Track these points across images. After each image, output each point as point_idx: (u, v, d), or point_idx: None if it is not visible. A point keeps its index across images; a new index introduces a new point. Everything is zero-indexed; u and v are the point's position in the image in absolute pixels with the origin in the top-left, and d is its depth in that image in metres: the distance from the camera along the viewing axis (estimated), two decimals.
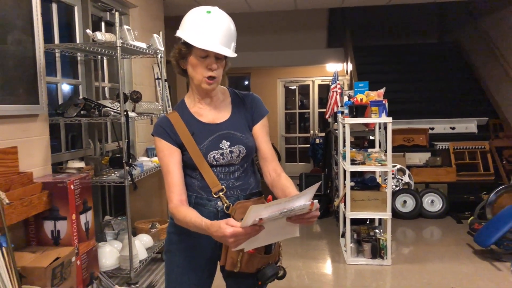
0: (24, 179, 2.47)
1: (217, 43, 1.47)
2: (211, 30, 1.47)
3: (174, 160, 1.56)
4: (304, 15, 7.80)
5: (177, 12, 5.55)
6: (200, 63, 1.51)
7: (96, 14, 4.02)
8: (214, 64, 1.51)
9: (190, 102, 1.65)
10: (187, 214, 1.46)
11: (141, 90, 3.80)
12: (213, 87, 1.56)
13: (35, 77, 2.72)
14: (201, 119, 1.61)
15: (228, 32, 1.51)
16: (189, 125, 1.59)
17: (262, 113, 1.69)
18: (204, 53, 1.49)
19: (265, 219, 1.23)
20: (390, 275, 3.69)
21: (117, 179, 3.20)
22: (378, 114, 3.77)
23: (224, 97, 1.68)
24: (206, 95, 1.62)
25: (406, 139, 6.09)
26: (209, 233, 1.35)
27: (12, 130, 2.52)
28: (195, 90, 1.62)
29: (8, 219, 2.17)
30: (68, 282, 2.46)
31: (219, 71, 1.54)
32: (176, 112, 1.63)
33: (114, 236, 3.57)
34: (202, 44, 1.46)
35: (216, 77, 1.54)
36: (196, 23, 1.49)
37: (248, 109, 1.67)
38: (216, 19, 1.49)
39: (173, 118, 1.60)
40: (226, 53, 1.50)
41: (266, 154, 1.66)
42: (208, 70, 1.52)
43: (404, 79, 7.53)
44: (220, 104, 1.65)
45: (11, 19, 2.52)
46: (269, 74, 9.06)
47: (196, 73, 1.54)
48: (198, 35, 1.47)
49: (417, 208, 5.33)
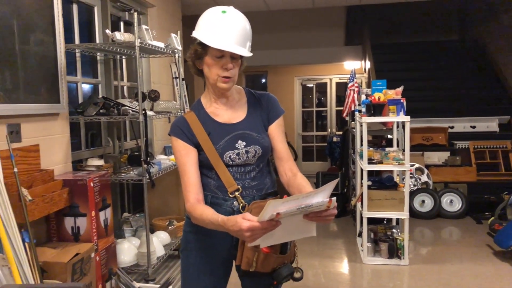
0: (45, 176, 2.54)
1: (232, 43, 1.48)
2: (227, 30, 1.48)
3: (191, 159, 1.58)
4: (322, 12, 7.76)
5: (194, 11, 5.59)
6: (216, 63, 1.52)
7: (115, 14, 4.08)
8: (229, 64, 1.52)
9: (206, 102, 1.66)
10: (204, 211, 1.48)
11: (159, 89, 3.84)
12: (229, 86, 1.57)
13: (56, 76, 2.78)
14: (217, 119, 1.62)
15: (244, 31, 1.52)
16: (205, 125, 1.60)
17: (278, 113, 1.69)
18: (220, 53, 1.50)
19: (282, 214, 1.23)
20: (407, 275, 3.66)
21: (135, 176, 3.25)
22: (396, 113, 3.73)
23: (240, 97, 1.68)
24: (221, 95, 1.63)
25: (425, 138, 6.02)
26: (226, 229, 1.36)
27: (34, 128, 2.59)
28: (211, 90, 1.63)
29: (31, 215, 2.23)
30: (87, 278, 2.52)
31: (235, 70, 1.55)
32: (192, 112, 1.64)
33: (132, 233, 3.62)
34: (218, 44, 1.47)
35: (231, 76, 1.55)
36: (212, 23, 1.50)
37: (264, 109, 1.68)
38: (231, 19, 1.50)
39: (190, 118, 1.61)
40: (242, 53, 1.51)
41: (281, 153, 1.67)
42: (224, 70, 1.52)
43: (423, 77, 7.44)
44: (236, 104, 1.66)
45: (34, 21, 2.58)
46: (286, 72, 9.04)
47: (211, 73, 1.54)
48: (214, 35, 1.48)
49: (435, 208, 5.26)
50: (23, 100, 2.48)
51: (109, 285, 2.86)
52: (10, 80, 2.39)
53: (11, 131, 2.38)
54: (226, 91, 1.60)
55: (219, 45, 1.47)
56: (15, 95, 2.42)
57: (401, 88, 3.98)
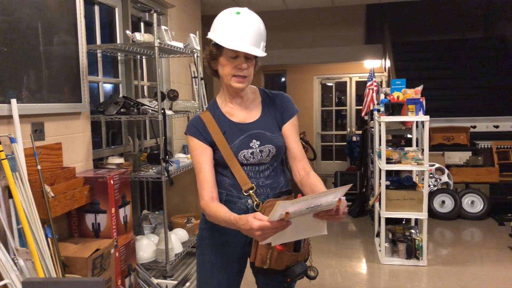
0: (67, 173, 2.61)
1: (246, 43, 1.50)
2: (241, 31, 1.50)
3: (206, 158, 1.61)
4: (341, 11, 7.71)
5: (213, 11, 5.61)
6: (231, 63, 1.55)
7: (136, 14, 4.15)
8: (244, 64, 1.54)
9: (222, 102, 1.69)
10: (217, 209, 1.51)
11: (178, 88, 3.90)
12: (243, 86, 1.59)
13: (78, 76, 2.86)
14: (232, 119, 1.65)
15: (258, 32, 1.54)
16: (220, 125, 1.63)
17: (292, 112, 1.71)
18: (234, 53, 1.53)
19: (291, 214, 1.25)
20: (425, 276, 3.63)
21: (154, 174, 3.31)
22: (414, 112, 3.69)
23: (254, 96, 1.71)
24: (236, 95, 1.66)
25: (445, 137, 5.93)
26: (238, 227, 1.39)
27: (57, 127, 2.66)
28: (225, 90, 1.67)
29: (53, 211, 2.30)
30: (107, 273, 2.58)
31: (249, 70, 1.58)
32: (208, 112, 1.68)
33: (151, 230, 3.69)
34: (232, 45, 1.50)
35: (246, 76, 1.57)
36: (226, 24, 1.53)
37: (278, 108, 1.70)
38: (245, 19, 1.52)
39: (206, 117, 1.65)
40: (256, 53, 1.53)
41: (295, 153, 1.68)
42: (238, 69, 1.55)
43: (445, 75, 7.32)
44: (250, 104, 1.69)
45: (57, 22, 2.66)
46: (305, 71, 9.02)
47: (226, 73, 1.57)
48: (228, 36, 1.51)
49: (456, 208, 5.18)
50: (46, 99, 2.55)
51: (128, 281, 2.92)
52: (35, 80, 2.46)
53: (35, 129, 2.46)
54: (241, 91, 1.62)
55: (234, 45, 1.50)
56: (39, 95, 2.49)
57: (421, 87, 3.94)
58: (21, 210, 2.12)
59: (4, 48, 2.24)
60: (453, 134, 5.96)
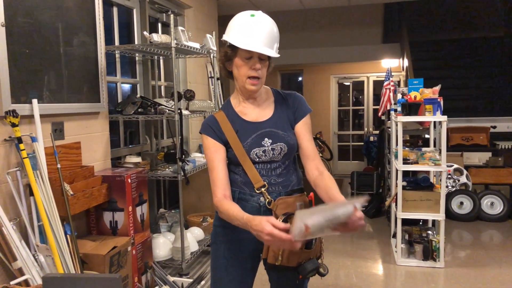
0: (86, 172, 2.66)
1: (260, 44, 1.54)
2: (255, 32, 1.55)
3: (219, 156, 1.65)
4: (358, 10, 7.66)
5: (230, 11, 5.66)
6: (245, 64, 1.59)
7: (153, 15, 4.21)
8: (257, 64, 1.58)
9: (235, 102, 1.73)
10: (230, 207, 1.53)
11: (195, 88, 3.93)
12: (257, 88, 1.63)
13: (97, 77, 2.91)
14: (245, 118, 1.69)
15: (271, 33, 1.58)
16: (233, 124, 1.67)
17: (305, 112, 1.73)
18: (248, 54, 1.57)
19: (311, 228, 1.27)
20: (442, 278, 3.58)
21: (171, 174, 3.35)
22: (432, 112, 3.65)
23: (267, 96, 1.74)
24: (250, 96, 1.69)
25: (464, 138, 5.84)
26: (249, 226, 1.41)
27: (76, 126, 2.72)
28: (239, 91, 1.70)
29: (72, 209, 2.35)
30: (124, 270, 2.63)
31: (263, 71, 1.61)
32: (222, 112, 1.72)
33: (167, 228, 3.73)
34: (246, 45, 1.54)
35: (260, 77, 1.61)
36: (241, 26, 1.57)
37: (291, 107, 1.72)
38: (259, 22, 1.57)
39: (220, 117, 1.69)
40: (269, 53, 1.57)
41: (308, 152, 1.70)
42: (252, 70, 1.59)
43: (464, 74, 7.20)
44: (263, 103, 1.72)
45: (77, 23, 2.71)
46: (322, 71, 8.98)
47: (240, 74, 1.61)
48: (242, 37, 1.55)
49: (475, 210, 5.10)
50: (66, 99, 2.61)
51: (144, 278, 2.96)
52: (55, 80, 2.52)
53: (55, 129, 2.52)
54: (254, 93, 1.66)
55: (248, 46, 1.54)
56: (59, 95, 2.55)
57: (439, 87, 3.89)
58: (42, 207, 2.17)
59: (26, 50, 2.30)
60: (472, 134, 5.86)
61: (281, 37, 1.69)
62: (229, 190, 1.64)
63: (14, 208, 2.20)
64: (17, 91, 2.23)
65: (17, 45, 2.23)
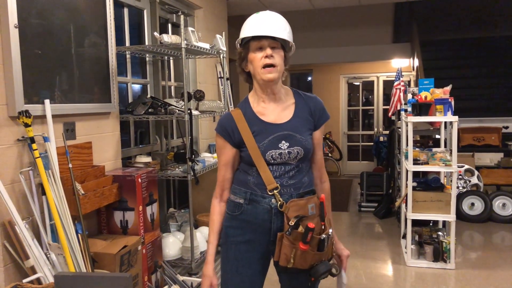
0: (97, 172, 2.69)
1: (266, 30, 1.56)
2: (260, 23, 1.58)
3: (225, 159, 1.70)
4: (368, 9, 7.62)
5: (240, 11, 5.67)
6: (257, 55, 1.58)
7: (164, 16, 4.23)
8: (268, 50, 1.57)
9: (254, 101, 1.70)
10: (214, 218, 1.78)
11: (204, 89, 3.94)
12: (273, 76, 1.59)
13: (108, 77, 2.94)
14: (264, 119, 1.66)
15: (277, 21, 1.59)
16: (250, 123, 1.65)
17: (325, 120, 1.75)
18: (258, 43, 1.57)
19: None
20: (453, 279, 3.56)
21: (180, 173, 3.36)
22: (443, 112, 3.63)
23: (287, 98, 1.71)
24: (269, 91, 1.66)
25: (476, 138, 5.78)
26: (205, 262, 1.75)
27: (87, 126, 2.75)
28: (258, 89, 1.68)
29: (83, 208, 2.38)
30: (134, 269, 2.65)
31: (277, 59, 1.58)
32: (239, 110, 1.69)
33: (177, 228, 3.75)
34: (251, 32, 1.57)
35: (274, 64, 1.58)
36: (247, 23, 1.61)
37: (312, 112, 1.71)
38: (264, 14, 1.60)
39: (236, 115, 1.67)
40: (276, 35, 1.56)
41: (316, 160, 1.77)
42: (265, 58, 1.57)
43: (476, 74, 7.14)
44: (283, 104, 1.69)
45: (88, 24, 2.74)
46: (332, 70, 8.96)
47: (255, 66, 1.60)
48: (249, 30, 1.59)
49: (486, 211, 5.05)
50: (77, 100, 2.64)
51: (154, 277, 2.99)
52: (66, 81, 2.55)
53: (67, 129, 2.55)
54: (272, 81, 1.61)
55: (252, 32, 1.57)
56: (70, 95, 2.58)
57: (449, 87, 3.86)
58: (54, 206, 2.20)
59: (39, 51, 2.33)
60: (484, 134, 5.81)
61: None
62: (227, 191, 1.75)
63: (27, 207, 2.23)
64: (30, 91, 2.26)
65: (30, 46, 2.26)
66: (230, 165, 1.70)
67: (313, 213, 1.63)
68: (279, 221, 1.63)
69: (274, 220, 1.64)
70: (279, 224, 1.63)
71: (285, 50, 1.63)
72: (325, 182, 1.79)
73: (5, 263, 2.12)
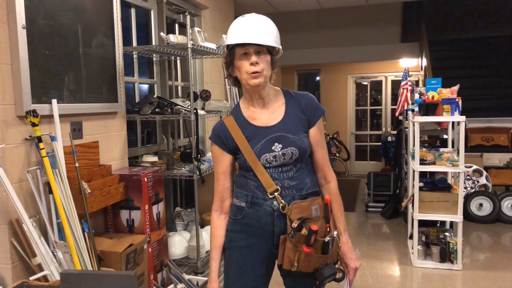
0: (103, 171, 2.71)
1: (249, 36, 1.53)
2: (243, 28, 1.56)
3: (223, 168, 1.70)
4: (376, 9, 7.59)
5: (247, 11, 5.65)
6: (243, 62, 1.57)
7: (171, 16, 4.25)
8: (253, 57, 1.55)
9: (244, 107, 1.70)
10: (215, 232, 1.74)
11: (211, 88, 3.95)
12: (259, 82, 1.57)
13: (115, 77, 2.96)
14: (254, 123, 1.65)
15: (261, 26, 1.56)
16: (243, 129, 1.64)
17: (319, 115, 1.70)
18: (243, 50, 1.56)
19: None
20: (460, 280, 3.53)
21: (186, 173, 3.38)
22: (450, 112, 3.60)
23: (276, 98, 1.70)
24: (257, 96, 1.65)
25: (484, 138, 5.73)
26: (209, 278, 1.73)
27: (94, 126, 2.77)
28: (247, 94, 1.67)
29: (90, 207, 2.40)
30: (140, 268, 2.67)
31: (262, 65, 1.56)
32: (231, 116, 1.69)
33: (183, 227, 3.77)
34: (234, 40, 1.55)
35: (259, 71, 1.56)
36: (232, 28, 1.60)
37: (304, 110, 1.68)
38: (250, 18, 1.58)
39: (228, 122, 1.67)
40: (261, 42, 1.53)
41: (317, 159, 1.72)
42: (251, 66, 1.55)
43: (485, 73, 7.07)
44: (272, 106, 1.68)
45: (95, 25, 2.77)
46: (340, 70, 8.93)
47: (242, 73, 1.58)
48: (234, 36, 1.57)
49: (494, 212, 5.01)
50: (85, 99, 2.66)
51: (160, 276, 3.00)
52: (74, 81, 2.58)
53: (73, 128, 2.57)
54: (257, 87, 1.59)
55: (237, 39, 1.54)
56: (78, 95, 2.61)
57: (457, 86, 3.84)
58: (60, 205, 2.23)
59: (46, 51, 2.36)
60: (493, 135, 5.76)
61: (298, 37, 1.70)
62: (228, 200, 1.73)
63: (34, 205, 2.26)
64: (38, 91, 2.28)
65: (38, 47, 2.29)
66: (228, 173, 1.70)
67: (317, 215, 1.61)
68: (282, 224, 1.62)
69: (277, 223, 1.62)
70: (282, 227, 1.61)
71: (272, 54, 1.60)
72: (330, 182, 1.72)
73: (13, 261, 2.15)
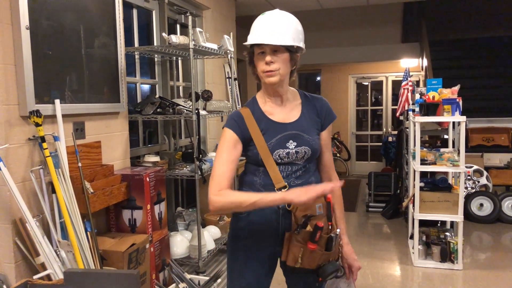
0: (106, 171, 2.73)
1: (264, 36, 1.53)
2: (261, 27, 1.56)
3: (233, 155, 1.59)
4: (377, 9, 7.60)
5: (248, 12, 5.70)
6: (260, 60, 1.58)
7: (172, 17, 4.26)
8: (267, 57, 1.55)
9: (262, 101, 1.70)
10: (232, 193, 1.52)
11: (212, 89, 3.97)
12: (274, 80, 1.58)
13: (117, 77, 2.98)
14: (272, 118, 1.66)
15: (283, 24, 1.55)
16: (259, 122, 1.64)
17: (331, 120, 1.74)
18: (260, 49, 1.56)
19: None
20: (460, 280, 3.54)
21: (188, 173, 3.40)
22: (450, 112, 3.62)
23: (294, 98, 1.72)
24: (275, 94, 1.66)
25: (485, 138, 5.74)
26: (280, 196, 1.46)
27: (96, 126, 2.79)
28: (265, 90, 1.69)
29: (92, 206, 2.42)
30: (142, 267, 2.68)
31: (277, 65, 1.56)
32: (247, 108, 1.68)
33: (185, 227, 3.78)
34: (253, 39, 1.56)
35: (273, 70, 1.56)
36: (253, 26, 1.59)
37: (319, 113, 1.71)
38: (270, 16, 1.57)
39: (245, 113, 1.66)
40: (275, 42, 1.52)
41: (324, 160, 1.76)
42: (266, 65, 1.56)
43: (485, 74, 7.07)
44: (290, 105, 1.69)
45: (98, 25, 2.78)
46: (340, 70, 8.94)
47: (259, 71, 1.60)
48: (253, 35, 1.57)
49: (495, 212, 5.02)
50: (87, 100, 2.68)
51: (162, 275, 3.02)
52: (76, 81, 2.59)
53: (76, 128, 2.59)
54: (273, 85, 1.61)
55: (254, 39, 1.55)
56: (80, 95, 2.62)
57: (457, 87, 3.85)
58: (63, 204, 2.24)
59: (49, 52, 2.37)
60: (494, 135, 5.77)
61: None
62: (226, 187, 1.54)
63: (37, 205, 2.28)
64: (41, 91, 2.30)
65: (41, 47, 2.30)
66: (235, 163, 1.60)
67: (321, 212, 1.62)
68: (286, 222, 1.63)
69: (282, 221, 1.64)
70: (286, 225, 1.63)
71: (291, 51, 1.59)
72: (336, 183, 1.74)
73: (16, 260, 2.16)
